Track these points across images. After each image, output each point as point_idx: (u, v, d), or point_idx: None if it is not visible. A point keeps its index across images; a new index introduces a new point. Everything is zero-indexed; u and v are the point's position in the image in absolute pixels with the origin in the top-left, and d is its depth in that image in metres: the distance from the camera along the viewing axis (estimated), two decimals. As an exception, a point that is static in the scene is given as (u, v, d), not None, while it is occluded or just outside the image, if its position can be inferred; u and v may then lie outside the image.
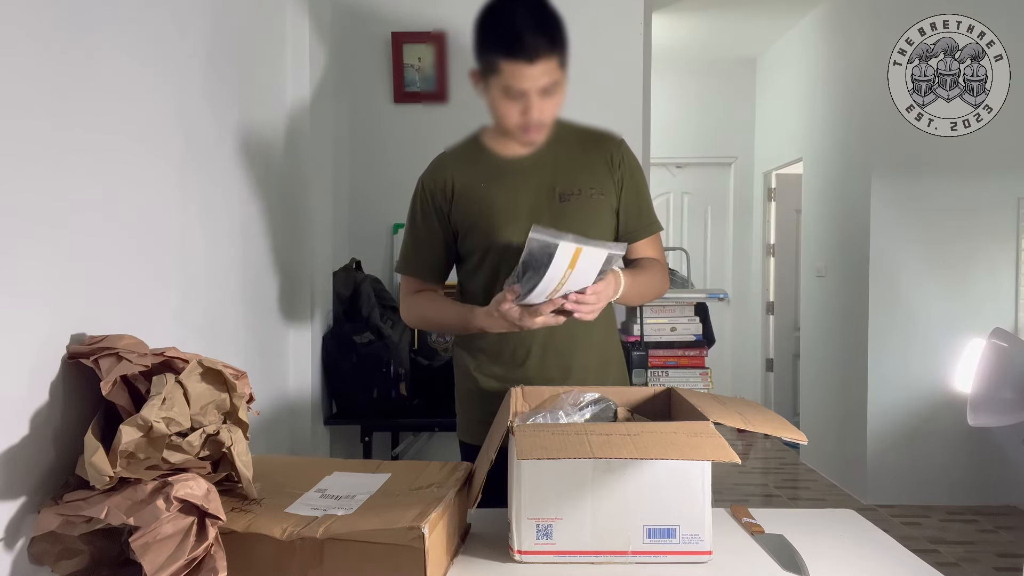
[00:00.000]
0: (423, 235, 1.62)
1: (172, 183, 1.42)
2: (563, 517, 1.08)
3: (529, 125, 1.48)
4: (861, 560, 1.14)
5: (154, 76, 1.34)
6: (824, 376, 4.85)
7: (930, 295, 4.11)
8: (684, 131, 6.10)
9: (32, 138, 0.98)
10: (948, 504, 4.07)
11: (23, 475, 0.95)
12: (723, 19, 5.19)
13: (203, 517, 0.92)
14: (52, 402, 0.99)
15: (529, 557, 1.09)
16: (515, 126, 1.50)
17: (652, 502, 1.08)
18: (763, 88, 6.04)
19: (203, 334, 1.56)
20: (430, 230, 1.61)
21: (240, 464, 1.02)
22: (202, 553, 0.91)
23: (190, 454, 0.96)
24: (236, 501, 1.05)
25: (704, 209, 6.35)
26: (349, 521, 0.99)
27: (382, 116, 3.03)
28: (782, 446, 5.52)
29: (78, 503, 0.93)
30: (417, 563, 0.95)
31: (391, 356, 2.49)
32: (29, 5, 0.98)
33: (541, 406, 1.32)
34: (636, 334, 2.66)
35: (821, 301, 4.89)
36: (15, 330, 0.93)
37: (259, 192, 1.93)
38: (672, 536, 1.08)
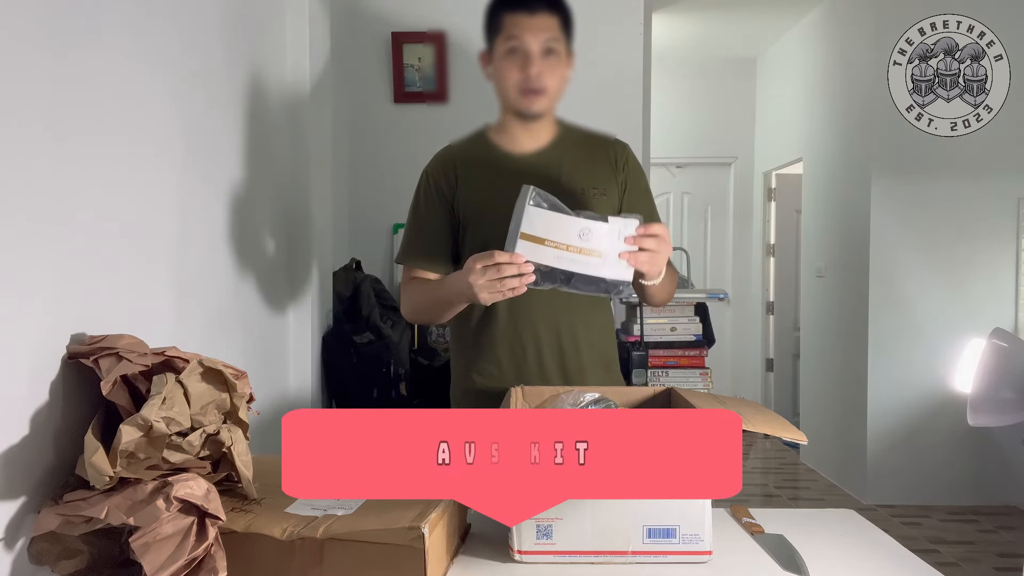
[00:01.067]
0: (427, 223, 1.61)
1: (172, 183, 1.42)
2: (563, 517, 1.08)
3: (529, 84, 1.50)
4: (861, 560, 1.14)
5: (155, 77, 1.34)
6: (824, 376, 4.85)
7: (930, 295, 4.11)
8: (684, 131, 6.10)
9: (31, 138, 0.98)
10: (948, 504, 4.07)
11: (23, 475, 0.95)
12: (723, 19, 5.19)
13: (203, 517, 0.92)
14: (52, 402, 0.99)
15: (529, 557, 1.09)
16: (515, 85, 1.51)
17: (652, 502, 1.08)
18: (763, 88, 6.04)
19: (203, 334, 1.56)
20: (434, 218, 1.61)
21: (240, 464, 1.02)
22: (202, 553, 0.91)
23: (190, 454, 0.96)
24: (236, 501, 1.05)
25: (704, 209, 6.35)
26: (349, 521, 0.99)
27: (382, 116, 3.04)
28: (782, 446, 5.52)
29: (78, 503, 0.93)
30: (417, 563, 0.95)
31: (391, 356, 2.49)
32: (29, 5, 0.98)
33: (541, 406, 1.32)
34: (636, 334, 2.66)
35: (821, 301, 4.89)
36: (15, 330, 0.93)
37: (259, 192, 1.93)
38: (672, 536, 1.08)
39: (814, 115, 5.01)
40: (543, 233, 1.28)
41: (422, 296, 1.59)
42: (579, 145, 1.62)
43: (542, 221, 1.28)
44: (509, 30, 1.50)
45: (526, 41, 1.48)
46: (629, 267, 1.31)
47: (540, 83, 1.50)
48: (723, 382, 5.97)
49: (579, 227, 1.28)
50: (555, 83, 1.53)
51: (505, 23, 1.50)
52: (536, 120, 1.57)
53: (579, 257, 1.29)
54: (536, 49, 1.49)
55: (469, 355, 1.62)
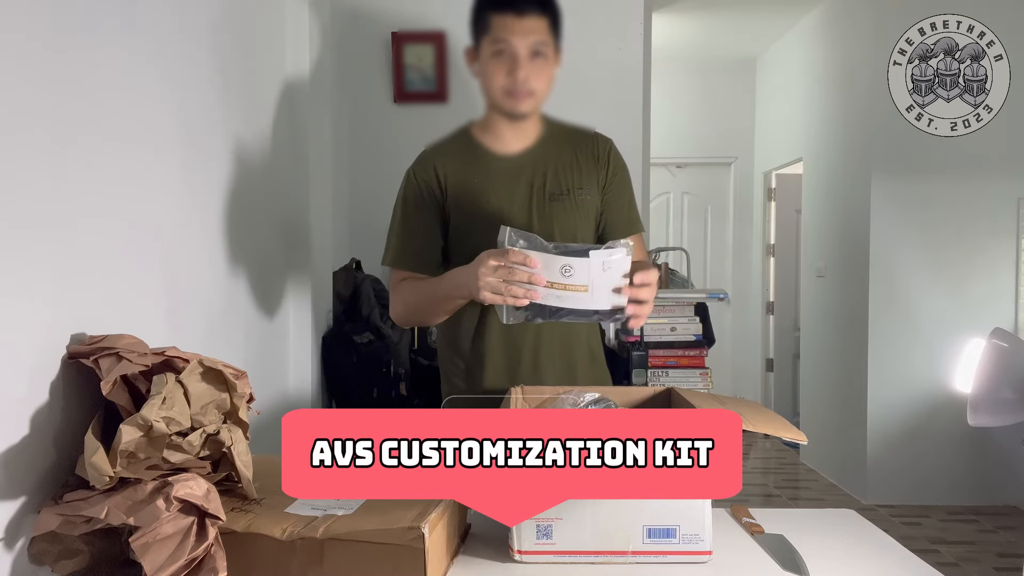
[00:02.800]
0: (417, 224, 1.58)
1: (173, 183, 1.42)
2: (563, 517, 1.08)
3: (516, 88, 1.47)
4: (861, 560, 1.14)
5: (155, 77, 1.34)
6: (824, 376, 4.85)
7: (930, 295, 4.11)
8: (684, 131, 6.10)
9: (32, 139, 0.98)
10: (948, 504, 4.07)
11: (23, 475, 0.95)
12: (723, 19, 5.18)
13: (203, 517, 0.92)
14: (52, 402, 0.99)
15: (529, 557, 1.09)
16: (502, 88, 1.49)
17: (652, 502, 1.08)
18: (763, 88, 6.04)
19: (203, 334, 1.56)
20: (425, 220, 1.58)
21: (240, 464, 1.02)
22: (202, 553, 0.91)
23: (190, 454, 0.96)
24: (236, 501, 1.05)
25: (704, 209, 6.35)
26: (349, 521, 0.99)
27: (382, 116, 3.03)
28: (782, 446, 5.51)
29: (78, 503, 0.93)
30: (417, 563, 0.95)
31: (391, 356, 2.49)
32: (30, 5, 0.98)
33: (541, 406, 1.32)
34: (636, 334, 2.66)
35: (821, 301, 4.89)
36: (15, 330, 0.93)
37: (259, 192, 1.93)
38: (672, 536, 1.08)
39: (814, 115, 5.01)
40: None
41: (419, 294, 1.56)
42: (564, 142, 1.61)
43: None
44: (496, 32, 1.46)
45: (514, 44, 1.45)
46: (621, 296, 1.28)
47: (527, 87, 1.48)
48: (723, 382, 5.96)
49: (560, 264, 1.24)
50: (542, 85, 1.51)
51: (493, 24, 1.47)
52: (522, 119, 1.55)
53: (565, 294, 1.25)
54: (524, 53, 1.46)
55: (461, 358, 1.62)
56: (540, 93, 1.51)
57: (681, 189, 6.33)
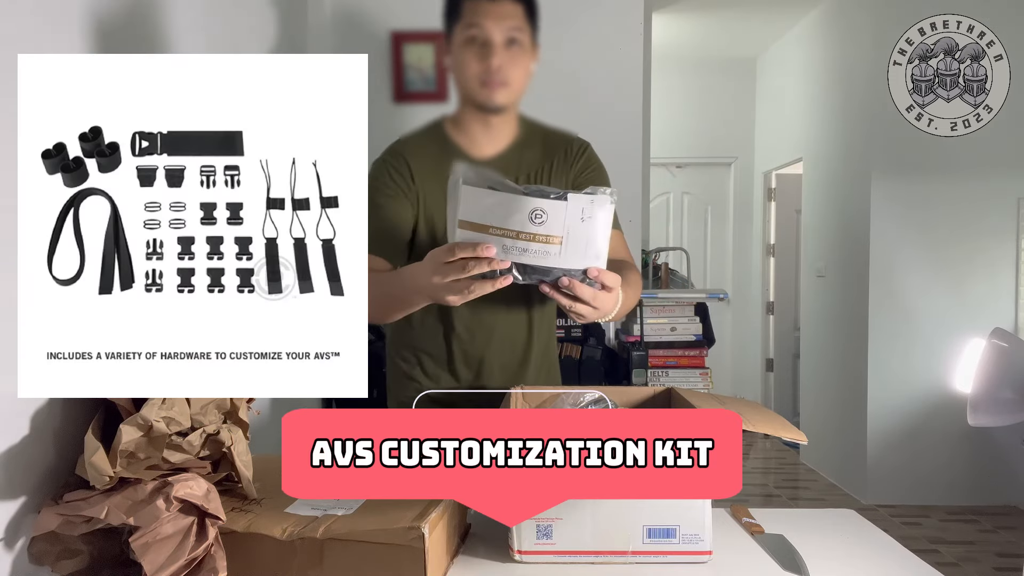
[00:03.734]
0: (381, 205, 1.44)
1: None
2: (563, 517, 1.08)
3: (490, 77, 1.39)
4: (861, 560, 1.14)
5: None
6: (824, 376, 4.85)
7: (930, 295, 4.11)
8: (684, 131, 6.10)
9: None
10: (948, 504, 4.07)
11: (23, 475, 0.95)
12: (723, 19, 5.19)
13: (203, 517, 0.92)
14: (52, 402, 0.99)
15: (529, 557, 1.09)
16: (475, 77, 1.40)
17: (652, 502, 1.08)
18: (763, 88, 6.05)
19: (203, 334, 1.56)
20: (390, 204, 1.46)
21: (240, 464, 1.02)
22: (202, 553, 0.91)
23: (190, 454, 0.96)
24: (236, 501, 1.05)
25: (704, 209, 6.36)
26: (349, 521, 0.99)
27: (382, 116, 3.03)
28: (782, 446, 5.52)
29: (78, 503, 0.93)
30: (417, 563, 0.95)
31: (391, 356, 2.49)
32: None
33: (541, 406, 1.32)
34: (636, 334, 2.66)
35: (821, 301, 4.89)
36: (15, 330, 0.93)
37: (259, 192, 1.93)
38: (672, 536, 1.08)
39: (814, 115, 5.02)
40: (483, 218, 1.05)
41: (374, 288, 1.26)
42: (538, 147, 1.52)
43: (480, 204, 1.05)
44: (469, 17, 1.39)
45: (487, 29, 1.37)
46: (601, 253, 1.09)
47: (502, 76, 1.39)
48: (723, 382, 5.97)
49: (530, 208, 1.03)
50: (518, 76, 1.42)
51: (465, 9, 1.40)
52: (497, 114, 1.46)
53: (532, 246, 1.05)
54: (498, 39, 1.38)
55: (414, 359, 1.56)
56: (516, 85, 1.43)
57: (681, 189, 6.33)
